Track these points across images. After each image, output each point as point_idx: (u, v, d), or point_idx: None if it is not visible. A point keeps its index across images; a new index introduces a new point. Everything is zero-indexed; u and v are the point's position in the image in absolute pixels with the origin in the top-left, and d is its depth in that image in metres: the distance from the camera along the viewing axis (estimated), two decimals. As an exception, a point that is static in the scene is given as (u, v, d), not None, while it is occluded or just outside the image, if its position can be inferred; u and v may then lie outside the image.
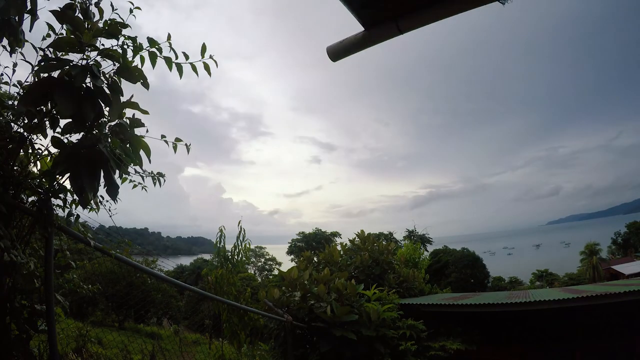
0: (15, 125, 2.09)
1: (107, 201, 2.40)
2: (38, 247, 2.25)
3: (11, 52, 1.95)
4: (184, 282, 4.60)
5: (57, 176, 2.08)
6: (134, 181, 2.64)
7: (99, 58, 2.00)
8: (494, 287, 42.34)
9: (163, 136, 2.49)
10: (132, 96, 2.23)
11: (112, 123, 2.19)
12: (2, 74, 2.18)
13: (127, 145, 2.24)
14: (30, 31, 1.95)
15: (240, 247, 5.90)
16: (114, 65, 2.06)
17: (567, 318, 8.88)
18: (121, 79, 2.09)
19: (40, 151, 2.18)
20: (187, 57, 2.23)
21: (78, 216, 2.33)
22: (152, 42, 2.13)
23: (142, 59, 2.15)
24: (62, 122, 2.06)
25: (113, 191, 2.09)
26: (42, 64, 1.91)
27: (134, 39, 2.10)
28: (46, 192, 2.10)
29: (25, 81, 2.13)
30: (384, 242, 13.80)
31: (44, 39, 2.06)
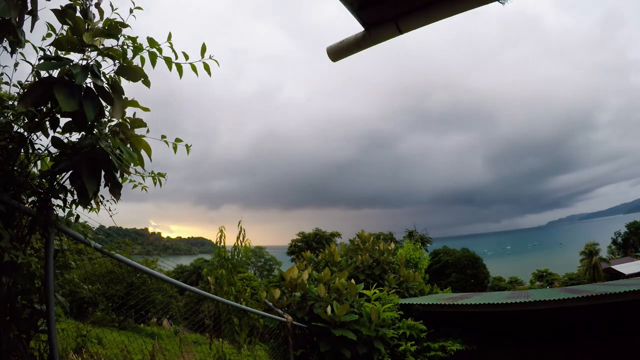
0: (16, 126, 2.09)
1: (107, 201, 2.39)
2: (38, 247, 2.25)
3: (12, 53, 1.95)
4: (183, 283, 4.60)
5: (57, 176, 2.07)
6: (134, 181, 2.63)
7: (99, 58, 2.00)
8: (494, 287, 42.37)
9: (163, 136, 2.49)
10: (132, 99, 2.22)
11: (113, 123, 2.19)
12: (2, 74, 2.18)
13: (128, 145, 2.23)
14: (30, 32, 1.94)
15: (240, 247, 5.90)
16: (115, 65, 2.06)
17: (567, 318, 8.88)
18: (121, 77, 2.08)
19: (40, 151, 2.18)
20: (187, 57, 2.23)
21: (78, 216, 2.32)
22: (152, 42, 2.13)
23: (143, 60, 2.15)
24: (62, 122, 2.06)
25: (116, 190, 2.09)
26: (42, 61, 1.90)
27: (134, 39, 2.10)
28: (46, 192, 2.09)
29: (26, 81, 2.13)
30: (383, 243, 13.82)
31: (44, 38, 2.06)
